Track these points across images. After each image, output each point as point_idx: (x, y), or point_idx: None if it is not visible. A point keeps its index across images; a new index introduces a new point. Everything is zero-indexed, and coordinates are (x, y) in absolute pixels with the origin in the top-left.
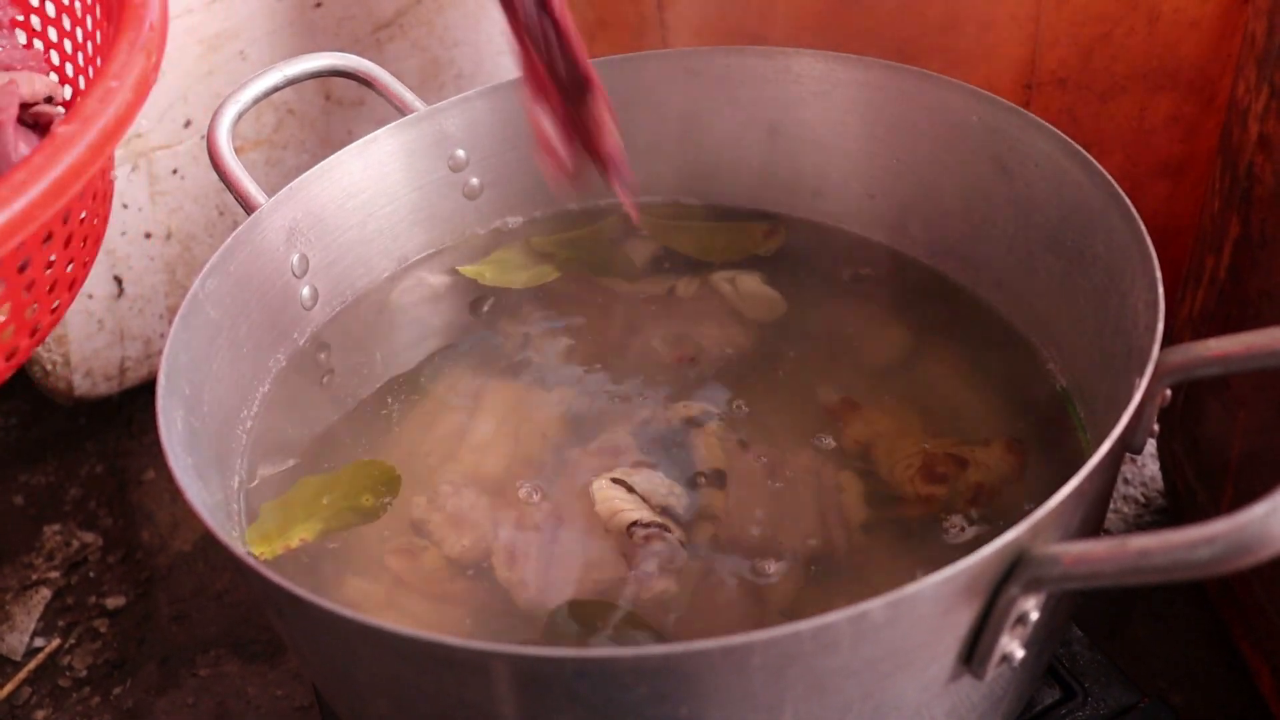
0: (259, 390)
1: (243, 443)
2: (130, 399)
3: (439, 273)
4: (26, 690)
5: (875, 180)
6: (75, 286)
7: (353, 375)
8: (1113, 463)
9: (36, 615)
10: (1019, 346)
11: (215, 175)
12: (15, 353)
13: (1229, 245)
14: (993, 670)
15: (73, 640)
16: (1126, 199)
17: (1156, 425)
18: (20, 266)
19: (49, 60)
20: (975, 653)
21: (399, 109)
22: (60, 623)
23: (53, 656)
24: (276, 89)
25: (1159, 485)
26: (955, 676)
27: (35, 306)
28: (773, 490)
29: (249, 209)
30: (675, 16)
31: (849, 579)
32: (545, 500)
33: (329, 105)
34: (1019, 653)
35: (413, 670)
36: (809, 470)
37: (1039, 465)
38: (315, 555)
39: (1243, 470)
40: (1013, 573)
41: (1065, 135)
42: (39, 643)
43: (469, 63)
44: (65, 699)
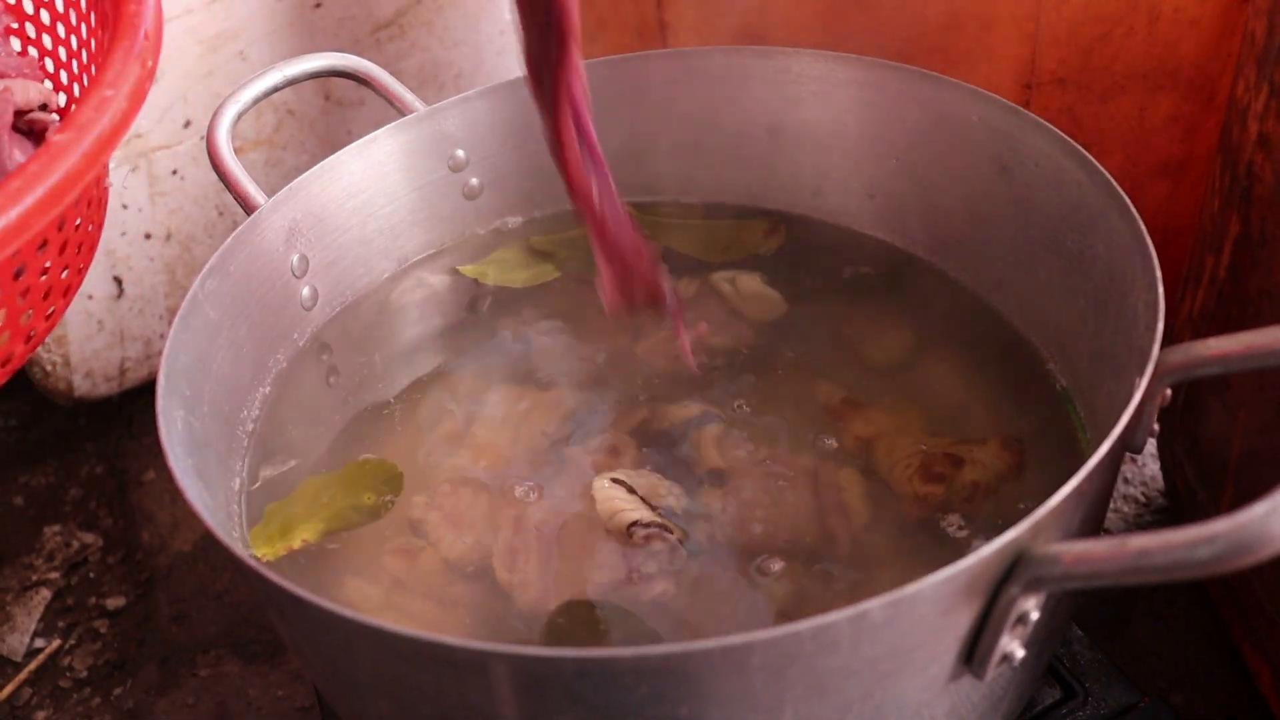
0: (259, 391)
1: (243, 443)
2: (130, 399)
3: (439, 272)
4: (27, 691)
5: (875, 180)
6: (70, 293)
7: (353, 375)
8: (1113, 463)
9: (37, 616)
10: (1019, 346)
11: (215, 175)
12: (10, 359)
13: (1229, 244)
14: (993, 670)
15: (73, 641)
16: (1126, 199)
17: (1156, 425)
18: (16, 273)
19: (43, 68)
20: (975, 652)
21: (399, 109)
22: (60, 623)
23: (53, 657)
24: (276, 89)
25: (1159, 485)
26: (955, 676)
27: (30, 313)
28: (773, 490)
29: (249, 209)
30: (675, 16)
31: (849, 579)
32: (545, 500)
33: (329, 105)
34: (1019, 652)
35: (413, 670)
36: (809, 470)
37: (1039, 465)
38: (315, 555)
39: (1243, 470)
40: (1013, 572)
41: (1065, 135)
42: (39, 643)
43: (469, 63)
44: (66, 699)
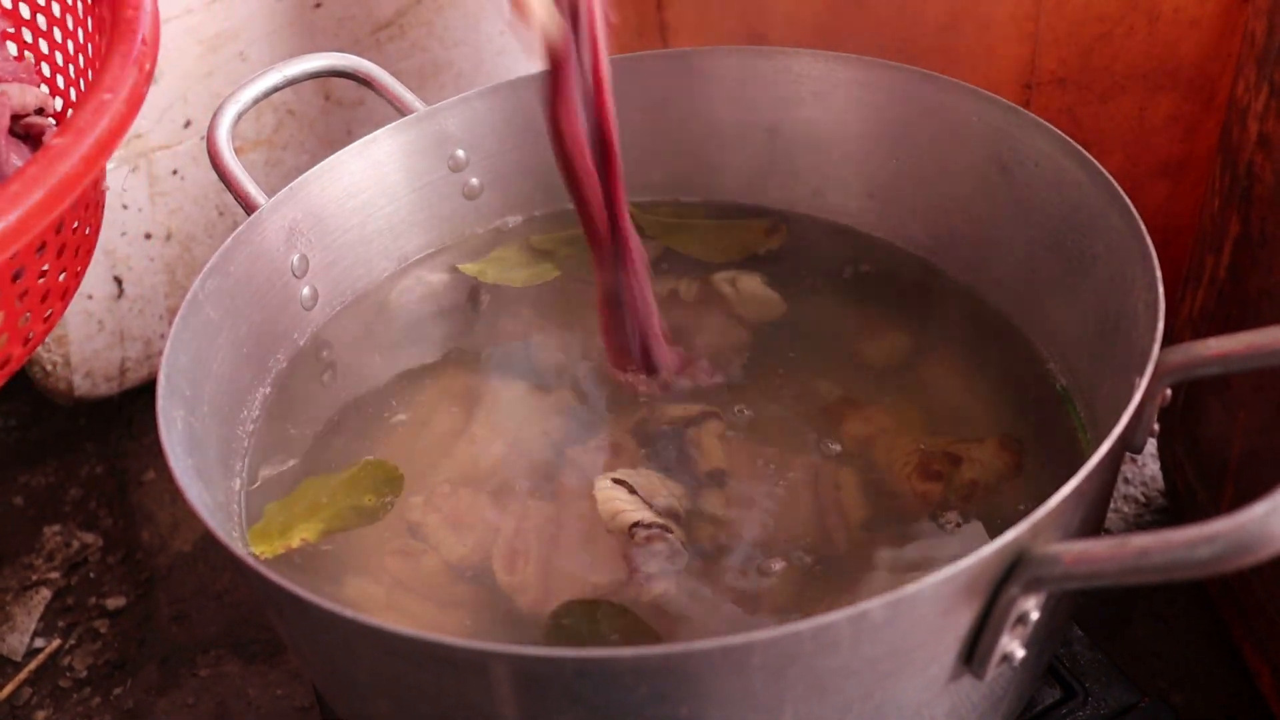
0: (259, 391)
1: (243, 443)
2: (130, 400)
3: (438, 271)
4: (27, 691)
5: (875, 180)
6: (68, 295)
7: (353, 375)
8: (1113, 462)
9: (37, 616)
10: (1019, 346)
11: (215, 176)
12: (9, 361)
13: (1229, 244)
14: (993, 670)
15: (73, 641)
16: (1126, 199)
17: (1156, 425)
18: (14, 276)
19: (40, 72)
20: (975, 652)
21: (399, 109)
22: (60, 623)
23: (53, 657)
24: (276, 89)
25: (1159, 485)
26: (955, 676)
27: (29, 315)
28: (773, 490)
29: (249, 209)
30: (675, 16)
31: (849, 578)
32: (545, 500)
33: (329, 105)
34: (1019, 652)
35: (413, 670)
36: (809, 470)
37: (1039, 465)
38: (315, 555)
39: (1243, 470)
40: (1013, 572)
41: (1065, 135)
42: (39, 643)
43: (469, 63)
44: (66, 699)
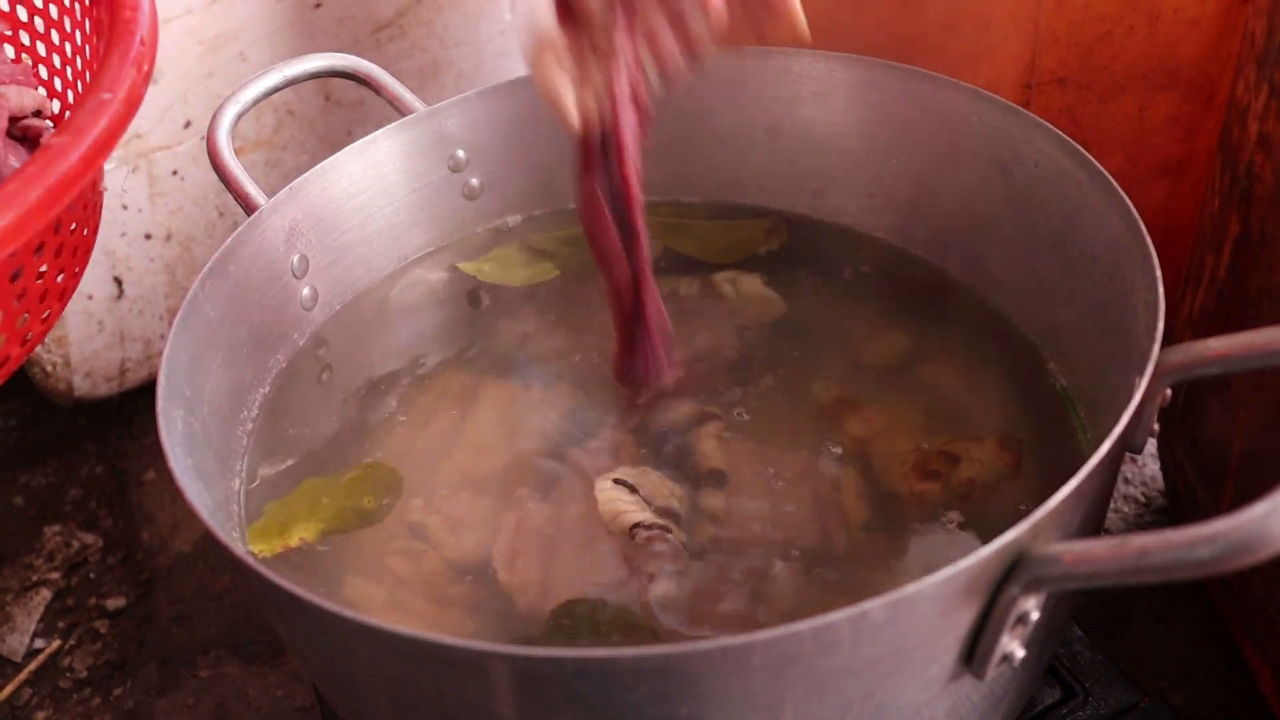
0: (259, 391)
1: (243, 443)
2: (130, 400)
3: (438, 271)
4: (27, 691)
5: (875, 180)
6: (66, 296)
7: (353, 375)
8: (1113, 462)
9: (37, 616)
10: (1019, 346)
11: (215, 176)
12: (6, 360)
13: (1229, 244)
14: (993, 670)
15: (73, 641)
16: (1126, 199)
17: (1156, 425)
18: (13, 276)
19: (38, 75)
20: (975, 653)
21: (399, 109)
22: (60, 624)
23: (53, 658)
24: (276, 90)
25: (1159, 485)
26: (955, 676)
27: (27, 316)
28: (773, 490)
29: (249, 210)
30: None
31: (849, 578)
32: (545, 501)
33: (329, 106)
34: (1019, 653)
35: (413, 670)
36: (809, 470)
37: (1038, 465)
38: (315, 555)
39: (1243, 470)
40: (1013, 572)
41: (1065, 135)
42: (39, 644)
43: (469, 63)
44: (66, 700)
